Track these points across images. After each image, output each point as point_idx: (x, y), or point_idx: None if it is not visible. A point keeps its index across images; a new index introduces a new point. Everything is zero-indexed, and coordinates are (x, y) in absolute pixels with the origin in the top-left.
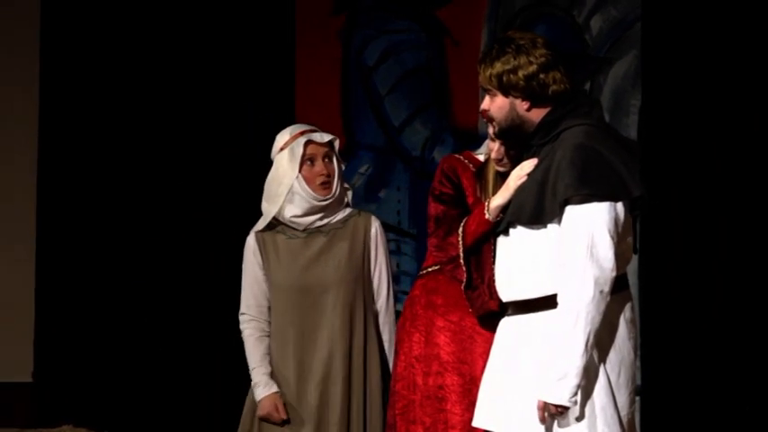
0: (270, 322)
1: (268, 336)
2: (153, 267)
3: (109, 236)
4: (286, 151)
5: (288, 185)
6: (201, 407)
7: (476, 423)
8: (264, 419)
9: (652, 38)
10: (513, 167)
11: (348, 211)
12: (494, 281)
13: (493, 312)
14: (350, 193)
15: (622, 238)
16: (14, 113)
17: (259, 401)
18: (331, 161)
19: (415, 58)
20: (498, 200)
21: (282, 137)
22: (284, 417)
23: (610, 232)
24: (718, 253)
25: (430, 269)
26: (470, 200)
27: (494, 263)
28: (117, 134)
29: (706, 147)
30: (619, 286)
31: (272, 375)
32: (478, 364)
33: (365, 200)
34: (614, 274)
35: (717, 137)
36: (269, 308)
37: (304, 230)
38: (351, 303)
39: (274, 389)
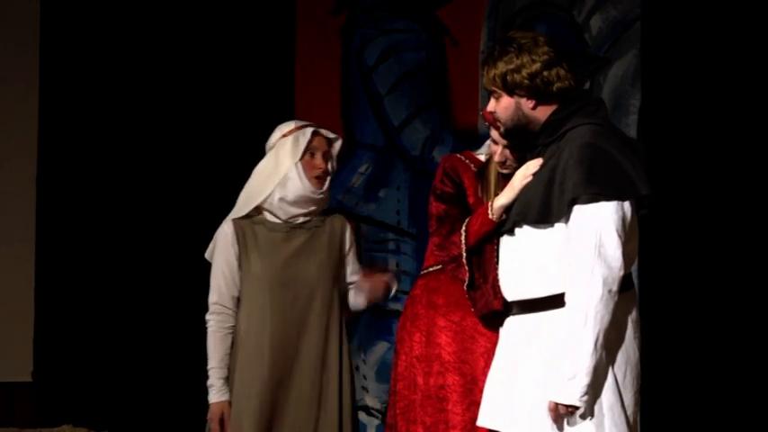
0: (236, 314)
1: (231, 332)
2: (153, 267)
3: (109, 236)
4: (290, 138)
5: (286, 170)
6: (201, 407)
7: (480, 422)
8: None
9: (651, 37)
10: (516, 169)
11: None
12: (498, 280)
13: (496, 312)
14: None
15: (629, 238)
16: (14, 113)
17: (210, 404)
18: (329, 159)
19: (415, 57)
20: (502, 199)
21: (287, 126)
22: (228, 431)
23: (618, 231)
24: (718, 253)
25: (431, 269)
26: (471, 200)
27: (497, 262)
28: (117, 134)
29: (706, 146)
30: (625, 286)
31: (227, 380)
32: (479, 363)
33: (365, 200)
34: (622, 273)
35: (717, 136)
36: (238, 298)
37: (285, 223)
38: (330, 302)
39: (225, 397)
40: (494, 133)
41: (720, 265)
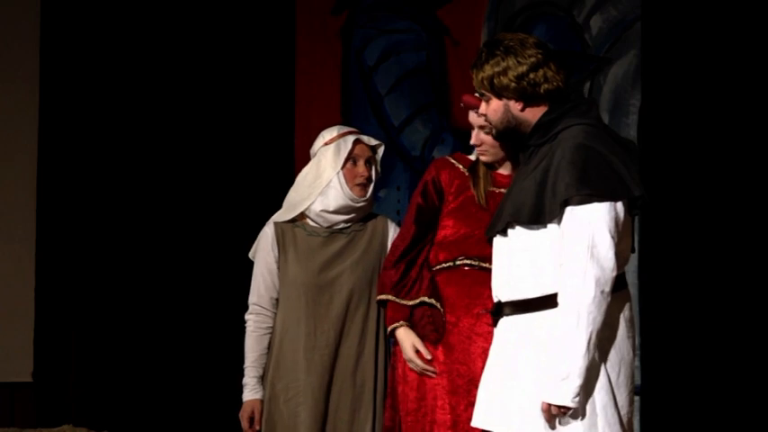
0: (275, 315)
1: (269, 333)
2: (152, 267)
3: (109, 235)
4: (332, 146)
5: (327, 179)
6: (202, 407)
7: (474, 423)
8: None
9: (652, 38)
10: (495, 155)
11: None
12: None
13: (491, 312)
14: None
15: (622, 238)
16: (14, 112)
17: (243, 402)
18: (372, 166)
19: (415, 58)
20: (404, 342)
21: (330, 133)
22: (257, 428)
23: (610, 232)
24: (718, 253)
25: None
26: (458, 201)
27: (490, 263)
28: (117, 133)
29: (706, 146)
30: (618, 285)
31: (262, 379)
32: (477, 364)
33: None
34: (615, 273)
35: (716, 136)
36: (277, 299)
37: (327, 228)
38: (367, 303)
39: (258, 395)
40: (471, 116)
41: (720, 264)
